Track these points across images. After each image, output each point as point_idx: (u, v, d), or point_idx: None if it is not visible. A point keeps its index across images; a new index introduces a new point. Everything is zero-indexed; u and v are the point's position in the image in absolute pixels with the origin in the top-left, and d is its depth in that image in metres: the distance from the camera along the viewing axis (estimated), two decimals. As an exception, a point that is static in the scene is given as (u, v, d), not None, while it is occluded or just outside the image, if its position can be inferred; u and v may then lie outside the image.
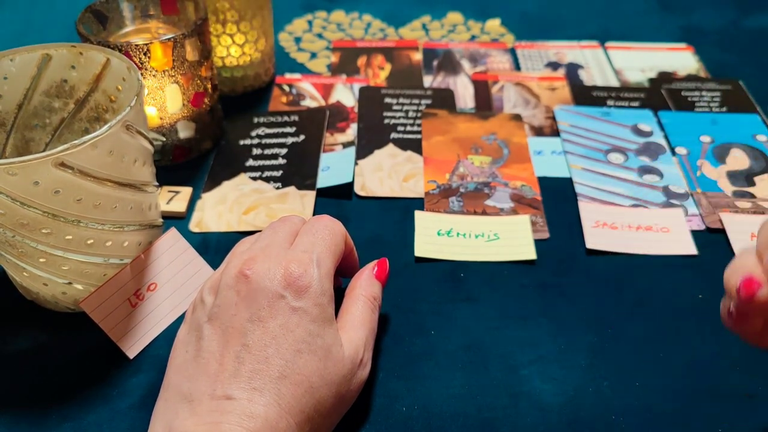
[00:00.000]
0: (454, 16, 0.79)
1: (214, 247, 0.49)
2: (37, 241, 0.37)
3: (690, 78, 0.68)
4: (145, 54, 0.49)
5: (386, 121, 0.61)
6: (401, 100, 0.64)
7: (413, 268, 0.47)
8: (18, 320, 0.43)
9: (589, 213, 0.51)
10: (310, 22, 0.78)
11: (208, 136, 0.57)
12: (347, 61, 0.71)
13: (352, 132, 0.60)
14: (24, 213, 0.36)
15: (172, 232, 0.44)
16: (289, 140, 0.59)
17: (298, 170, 0.55)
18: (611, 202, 0.53)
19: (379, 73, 0.69)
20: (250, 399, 0.31)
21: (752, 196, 0.53)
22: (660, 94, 0.65)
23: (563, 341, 0.42)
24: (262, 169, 0.56)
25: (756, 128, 0.61)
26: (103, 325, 0.40)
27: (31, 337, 0.42)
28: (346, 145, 0.59)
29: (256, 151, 0.57)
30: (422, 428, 0.37)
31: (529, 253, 0.48)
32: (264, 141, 0.58)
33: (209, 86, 0.55)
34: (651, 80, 0.68)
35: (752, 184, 0.55)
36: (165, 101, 0.52)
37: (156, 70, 0.50)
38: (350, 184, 0.54)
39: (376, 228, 0.51)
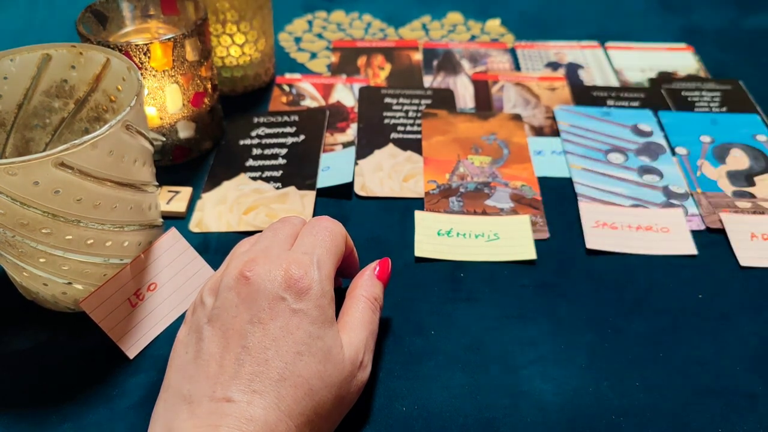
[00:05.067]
0: (454, 16, 0.79)
1: (214, 247, 0.49)
2: (37, 241, 0.37)
3: (690, 78, 0.68)
4: (145, 54, 0.49)
5: (386, 121, 0.61)
6: (401, 100, 0.64)
7: (413, 268, 0.47)
8: (18, 320, 0.43)
9: (589, 213, 0.52)
10: (310, 22, 0.78)
11: (208, 136, 0.57)
12: (347, 61, 0.71)
13: (352, 132, 0.60)
14: (24, 213, 0.36)
15: (172, 232, 0.44)
16: (289, 140, 0.59)
17: (298, 170, 0.55)
18: (611, 202, 0.53)
19: (379, 73, 0.69)
20: (250, 401, 0.31)
21: (752, 196, 0.53)
22: (660, 94, 0.65)
23: (563, 341, 0.42)
24: (262, 169, 0.56)
25: (756, 128, 0.61)
26: (103, 325, 0.40)
27: (31, 337, 0.42)
28: (346, 145, 0.59)
29: (256, 151, 0.57)
30: (422, 428, 0.37)
31: (529, 253, 0.48)
32: (264, 141, 0.58)
33: (209, 86, 0.55)
34: (651, 80, 0.68)
35: (752, 184, 0.55)
36: (165, 101, 0.52)
37: (156, 70, 0.50)
38: (350, 184, 0.54)
39: (376, 228, 0.51)
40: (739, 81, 0.67)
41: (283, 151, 0.57)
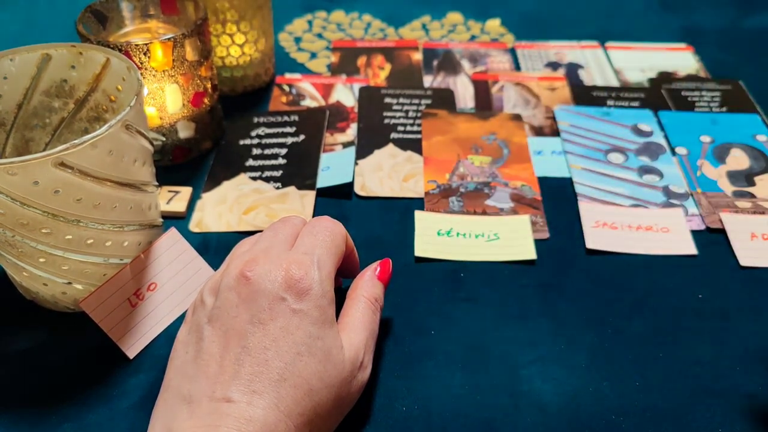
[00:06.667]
0: (454, 16, 0.79)
1: (214, 247, 0.49)
2: (36, 241, 0.37)
3: (690, 78, 0.68)
4: (145, 54, 0.49)
5: (386, 121, 0.61)
6: (401, 100, 0.64)
7: (413, 268, 0.47)
8: (18, 320, 0.43)
9: (589, 213, 0.51)
10: (310, 22, 0.78)
11: (208, 136, 0.57)
12: (347, 61, 0.71)
13: (352, 132, 0.60)
14: (24, 213, 0.36)
15: (172, 232, 0.44)
16: (289, 140, 0.59)
17: (298, 170, 0.55)
18: (611, 202, 0.53)
19: (379, 73, 0.69)
20: (250, 402, 0.31)
21: (752, 196, 0.53)
22: (660, 94, 0.65)
23: (563, 341, 0.42)
24: (262, 169, 0.56)
25: (756, 128, 0.61)
26: (103, 325, 0.40)
27: (31, 337, 0.42)
28: (346, 145, 0.59)
29: (256, 151, 0.57)
30: (422, 428, 0.37)
31: (529, 253, 0.48)
32: (264, 141, 0.58)
33: (209, 86, 0.55)
34: (651, 80, 0.68)
35: (752, 184, 0.55)
36: (165, 101, 0.52)
37: (156, 70, 0.50)
38: (350, 184, 0.54)
39: (376, 228, 0.51)
40: (739, 81, 0.67)
41: (283, 151, 0.57)
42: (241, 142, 0.58)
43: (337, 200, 0.53)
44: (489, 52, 0.72)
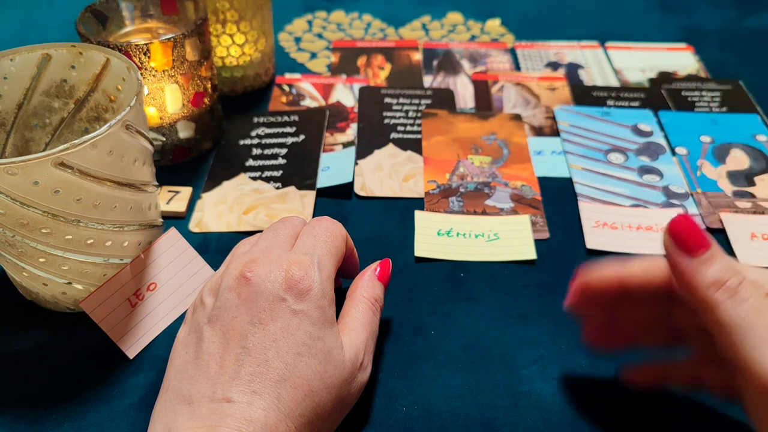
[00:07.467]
0: (454, 16, 0.79)
1: (214, 247, 0.49)
2: (36, 241, 0.37)
3: (690, 78, 0.68)
4: (145, 54, 0.49)
5: (386, 121, 0.61)
6: (401, 100, 0.64)
7: (413, 268, 0.47)
8: (18, 320, 0.43)
9: (589, 213, 0.51)
10: (310, 22, 0.78)
11: (208, 136, 0.57)
12: (347, 61, 0.71)
13: (352, 132, 0.60)
14: (24, 213, 0.36)
15: (172, 232, 0.44)
16: (289, 140, 0.59)
17: (298, 170, 0.55)
18: (611, 202, 0.53)
19: (379, 73, 0.69)
20: (250, 402, 0.31)
21: (752, 196, 0.53)
22: (660, 94, 0.65)
23: (563, 341, 0.42)
24: (262, 169, 0.56)
25: (756, 128, 0.61)
26: (103, 325, 0.40)
27: (31, 337, 0.42)
28: (346, 145, 0.59)
29: (256, 151, 0.57)
30: (422, 428, 0.37)
31: (529, 253, 0.48)
32: (264, 141, 0.58)
33: (209, 86, 0.55)
34: (651, 80, 0.68)
35: (752, 184, 0.55)
36: (165, 101, 0.52)
37: (156, 70, 0.50)
38: (350, 184, 0.54)
39: (376, 228, 0.51)
40: (739, 81, 0.67)
41: (283, 151, 0.57)
42: (241, 142, 0.58)
43: (337, 200, 0.53)
44: (489, 52, 0.72)
